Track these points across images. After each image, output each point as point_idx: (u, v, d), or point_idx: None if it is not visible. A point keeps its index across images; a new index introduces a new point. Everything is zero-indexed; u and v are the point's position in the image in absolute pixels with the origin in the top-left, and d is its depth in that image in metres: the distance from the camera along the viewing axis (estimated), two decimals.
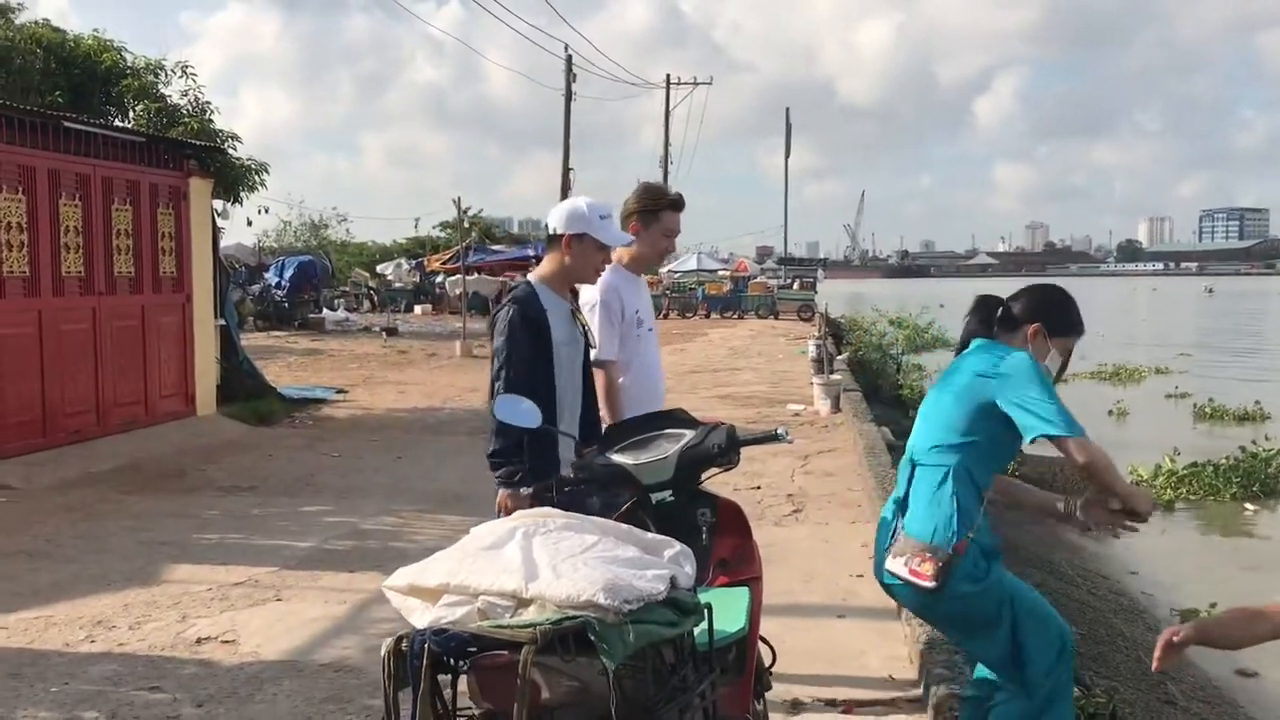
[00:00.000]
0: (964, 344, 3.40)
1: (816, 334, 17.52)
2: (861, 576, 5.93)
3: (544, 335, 3.68)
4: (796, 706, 4.21)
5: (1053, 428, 3.04)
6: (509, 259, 38.83)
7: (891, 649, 4.82)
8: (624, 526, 2.53)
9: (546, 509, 2.52)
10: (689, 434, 3.15)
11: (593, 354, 3.98)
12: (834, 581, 5.89)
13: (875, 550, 3.33)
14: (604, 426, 3.71)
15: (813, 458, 9.57)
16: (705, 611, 2.45)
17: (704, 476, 3.18)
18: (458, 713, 2.27)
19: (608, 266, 4.11)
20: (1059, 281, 3.85)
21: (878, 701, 4.21)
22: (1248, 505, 11.07)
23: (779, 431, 3.24)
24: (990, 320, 3.37)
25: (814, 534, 7.00)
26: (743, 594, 3.06)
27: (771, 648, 3.84)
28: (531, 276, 3.85)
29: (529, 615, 2.10)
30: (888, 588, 3.28)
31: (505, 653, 2.08)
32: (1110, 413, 18.33)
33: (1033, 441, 3.13)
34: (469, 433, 11.20)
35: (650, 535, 2.52)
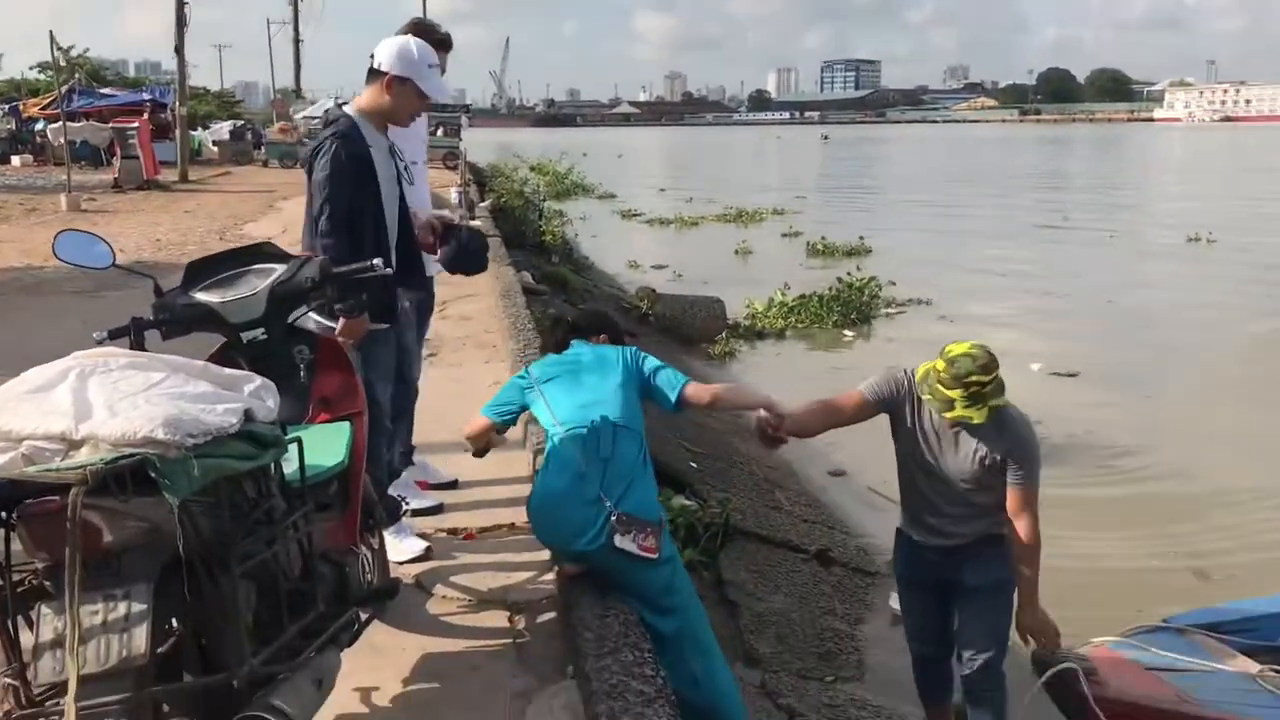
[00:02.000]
0: (560, 345, 3.86)
1: (459, 182, 17.31)
2: None
3: (368, 170, 3.65)
4: (421, 538, 4.29)
5: (681, 381, 3.60)
6: (121, 104, 35.10)
7: (517, 476, 5.00)
8: (199, 363, 2.40)
9: (109, 349, 2.34)
10: (280, 269, 3.03)
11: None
12: (465, 419, 5.97)
13: (564, 507, 3.39)
14: None
15: (451, 303, 9.54)
16: (289, 445, 2.41)
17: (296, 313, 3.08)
18: (15, 569, 2.12)
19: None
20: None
21: (498, 525, 4.37)
22: (846, 331, 12.32)
23: (374, 263, 3.18)
24: (569, 331, 3.89)
25: (446, 375, 7.05)
26: (344, 429, 3.04)
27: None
28: (349, 109, 3.78)
29: (81, 457, 1.97)
30: (599, 552, 3.34)
31: (56, 498, 1.94)
32: (735, 252, 19.61)
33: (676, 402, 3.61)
34: (76, 293, 10.22)
35: (229, 371, 2.42)
